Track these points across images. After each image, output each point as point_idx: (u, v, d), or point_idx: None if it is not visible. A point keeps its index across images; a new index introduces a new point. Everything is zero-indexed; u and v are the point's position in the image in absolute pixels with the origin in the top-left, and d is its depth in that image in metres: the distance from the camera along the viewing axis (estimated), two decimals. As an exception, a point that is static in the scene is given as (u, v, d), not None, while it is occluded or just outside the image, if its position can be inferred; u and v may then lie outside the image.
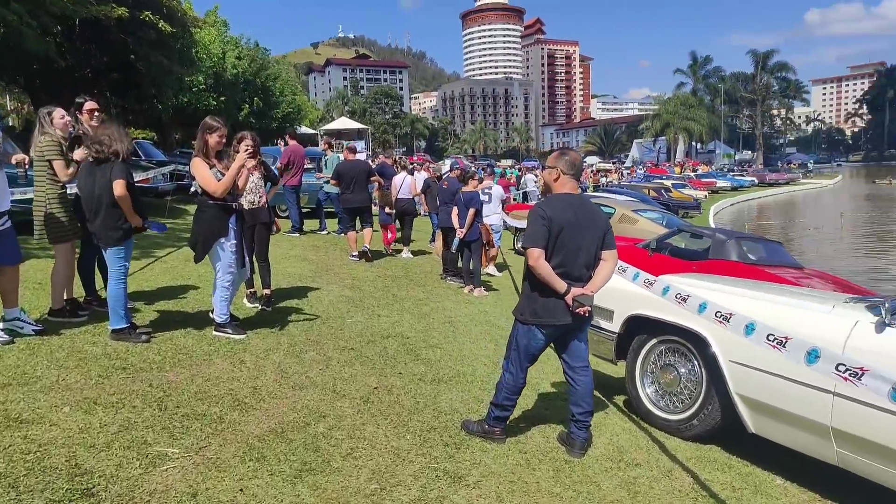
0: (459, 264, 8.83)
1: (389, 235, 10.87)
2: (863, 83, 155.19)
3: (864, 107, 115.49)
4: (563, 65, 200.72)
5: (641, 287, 3.99)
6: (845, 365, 2.57)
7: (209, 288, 5.57)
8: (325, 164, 12.13)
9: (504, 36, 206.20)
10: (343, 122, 45.69)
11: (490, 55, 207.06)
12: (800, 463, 3.69)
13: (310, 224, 11.92)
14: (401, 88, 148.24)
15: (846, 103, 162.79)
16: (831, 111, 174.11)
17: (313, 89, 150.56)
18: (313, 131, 36.87)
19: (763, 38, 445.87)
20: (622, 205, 11.88)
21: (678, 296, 3.63)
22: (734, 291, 3.98)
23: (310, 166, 12.24)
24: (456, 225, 8.22)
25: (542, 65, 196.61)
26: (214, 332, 4.99)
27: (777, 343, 2.87)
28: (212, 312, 5.15)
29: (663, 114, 65.33)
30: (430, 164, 37.47)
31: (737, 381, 3.70)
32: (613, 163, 65.50)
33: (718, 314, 3.24)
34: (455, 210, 8.28)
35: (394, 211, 10.72)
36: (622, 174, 44.01)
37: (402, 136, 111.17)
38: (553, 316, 3.42)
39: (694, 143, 68.47)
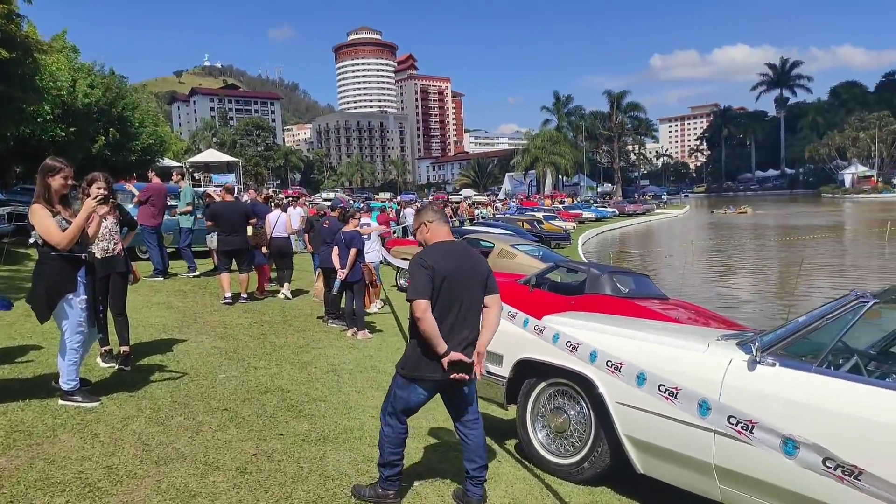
0: (342, 306, 8.53)
1: (264, 277, 10.36)
2: (702, 122, 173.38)
3: (704, 143, 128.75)
4: (436, 100, 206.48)
5: (532, 334, 3.97)
6: (736, 417, 2.65)
7: (54, 348, 4.89)
8: (180, 196, 11.38)
9: (378, 70, 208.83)
10: (211, 155, 43.67)
11: (364, 88, 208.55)
12: (687, 501, 3.79)
13: (176, 266, 11.05)
14: (273, 120, 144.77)
15: (689, 140, 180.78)
16: (677, 147, 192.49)
17: (177, 119, 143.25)
18: (178, 164, 34.82)
19: (616, 80, 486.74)
20: (500, 239, 12.16)
21: (568, 343, 3.65)
22: (618, 333, 4.07)
23: (173, 203, 11.43)
24: (337, 266, 7.94)
25: (416, 99, 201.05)
26: (61, 402, 4.36)
27: (669, 395, 2.92)
28: (55, 381, 4.49)
29: (532, 149, 68.91)
30: (306, 198, 36.67)
31: (624, 423, 3.76)
32: (487, 195, 67.78)
33: (609, 364, 3.27)
34: (336, 250, 8.00)
35: (268, 251, 10.24)
36: (496, 207, 45.53)
37: (276, 169, 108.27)
38: (435, 371, 3.28)
39: (560, 177, 72.61)
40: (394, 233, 19.99)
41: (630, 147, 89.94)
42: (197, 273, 10.77)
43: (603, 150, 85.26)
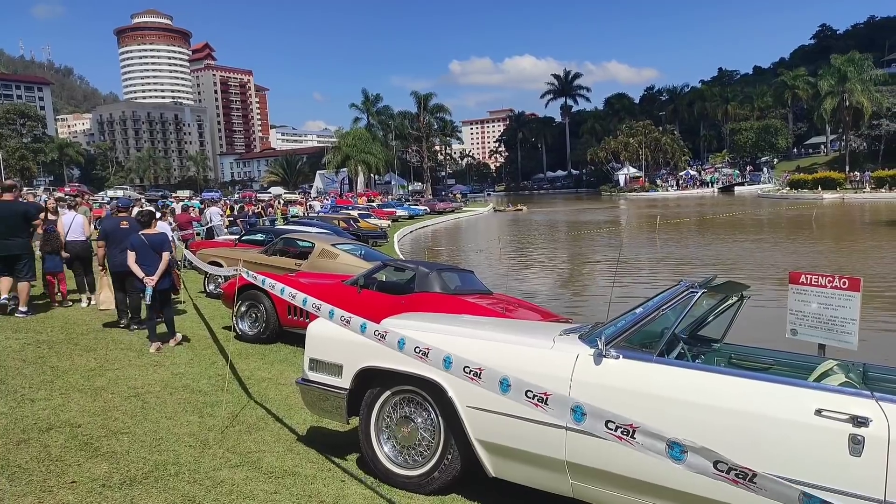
0: (142, 315, 7.50)
1: (60, 286, 9.00)
2: (499, 125, 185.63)
3: (502, 145, 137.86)
4: (238, 93, 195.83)
5: (373, 339, 3.67)
6: (615, 423, 2.57)
7: None
8: None
9: (169, 58, 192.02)
10: (-39, 146, 36.77)
11: (155, 77, 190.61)
12: (536, 499, 3.78)
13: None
14: (42, 108, 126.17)
15: (489, 142, 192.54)
16: (479, 148, 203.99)
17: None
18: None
19: (419, 83, 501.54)
20: (320, 239, 11.63)
21: (417, 349, 3.41)
22: (464, 334, 3.94)
23: None
24: (137, 271, 6.93)
25: (216, 92, 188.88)
26: None
27: (539, 401, 2.79)
28: None
29: (343, 146, 68.23)
30: (87, 197, 32.38)
31: (475, 427, 3.63)
32: (299, 193, 65.78)
33: (468, 370, 3.09)
34: (133, 255, 6.98)
35: (67, 255, 8.93)
36: (310, 206, 44.24)
37: (49, 164, 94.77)
38: None
39: (372, 175, 72.90)
40: (197, 234, 18.33)
41: (437, 147, 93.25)
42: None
43: (412, 149, 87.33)
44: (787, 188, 58.44)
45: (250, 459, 4.25)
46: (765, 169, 76.33)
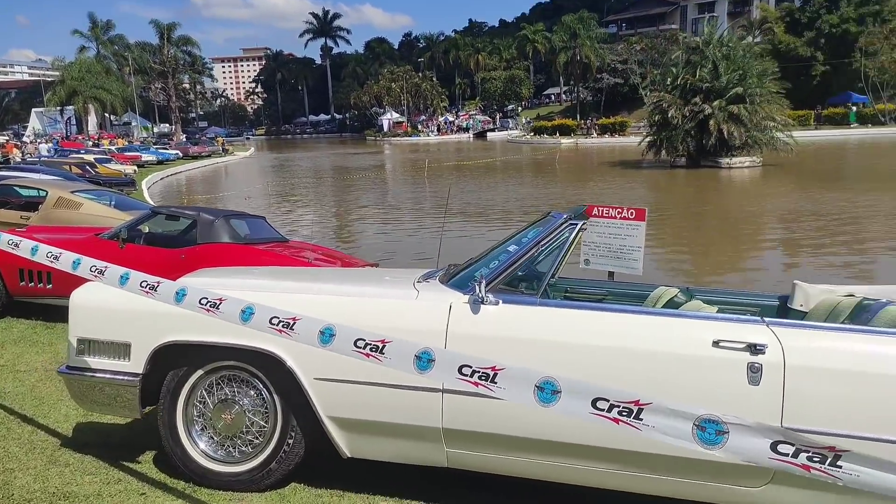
0: None
1: None
2: (255, 65, 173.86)
3: (260, 86, 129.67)
4: None
5: (175, 305, 2.72)
6: (471, 367, 2.09)
7: None
8: None
9: None
10: None
11: None
12: (399, 474, 3.24)
13: None
14: None
15: (244, 83, 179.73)
16: (234, 89, 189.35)
17: None
18: None
19: (156, 11, 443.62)
20: (55, 186, 9.36)
21: (204, 301, 2.60)
22: (301, 289, 3.17)
23: None
24: None
25: None
26: None
27: (372, 350, 2.22)
28: None
29: (68, 80, 57.45)
30: None
31: (326, 402, 2.94)
32: (9, 135, 54.51)
33: (276, 321, 2.39)
34: None
35: None
36: (24, 149, 36.76)
37: None
38: None
39: (107, 115, 63.21)
40: None
41: (187, 85, 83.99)
42: None
43: (156, 86, 77.35)
44: (532, 134, 64.27)
45: (-6, 488, 3.03)
46: (515, 116, 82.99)
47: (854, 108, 49.56)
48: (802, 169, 26.16)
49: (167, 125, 78.63)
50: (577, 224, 2.98)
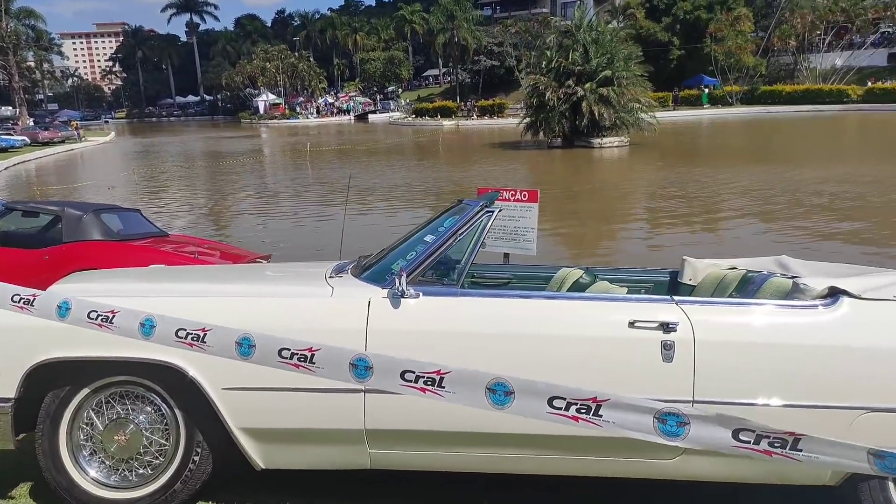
0: None
1: None
2: (112, 41, 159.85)
3: (118, 65, 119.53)
4: None
5: (56, 320, 2.39)
6: (414, 372, 2.00)
7: None
8: None
9: None
10: None
11: None
12: (315, 480, 3.08)
13: None
14: None
15: (100, 61, 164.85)
16: (87, 68, 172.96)
17: None
18: None
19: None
20: None
21: (94, 315, 2.31)
22: (198, 292, 2.89)
23: None
24: None
25: None
26: None
27: (300, 360, 2.08)
28: None
29: None
30: None
31: (237, 414, 2.71)
32: None
33: (182, 333, 2.17)
34: None
35: None
36: None
37: None
38: None
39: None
40: None
41: (32, 63, 75.56)
42: None
43: (-7, 64, 68.85)
44: (413, 116, 64.27)
45: None
46: (396, 98, 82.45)
47: (706, 90, 54.06)
48: (665, 148, 28.13)
49: (8, 108, 70.52)
50: (493, 211, 2.95)
